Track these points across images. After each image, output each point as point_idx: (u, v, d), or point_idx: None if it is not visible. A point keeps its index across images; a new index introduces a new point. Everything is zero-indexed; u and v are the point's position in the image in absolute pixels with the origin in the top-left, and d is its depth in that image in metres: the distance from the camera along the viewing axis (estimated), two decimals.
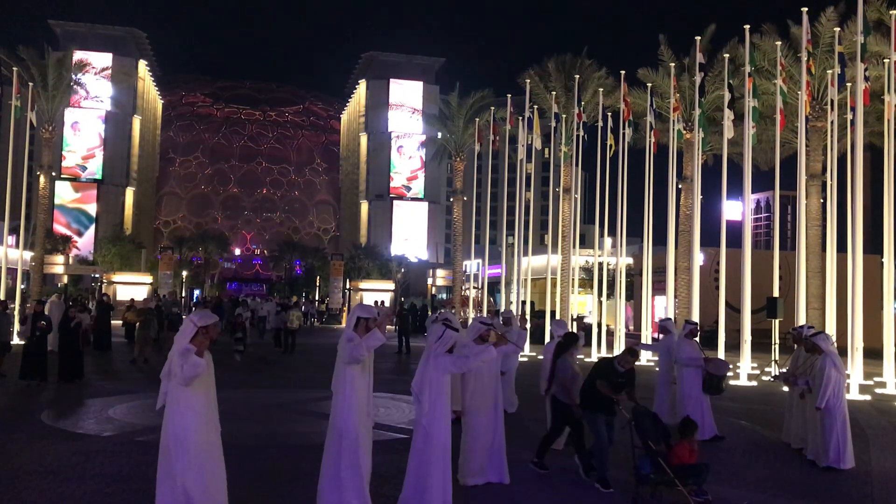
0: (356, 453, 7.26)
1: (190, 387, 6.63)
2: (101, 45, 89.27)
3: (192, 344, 6.64)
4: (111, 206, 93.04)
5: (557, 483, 9.40)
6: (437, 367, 7.73)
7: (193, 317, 6.98)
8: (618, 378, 9.10)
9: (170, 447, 6.73)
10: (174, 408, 6.73)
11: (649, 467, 8.19)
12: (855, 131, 21.36)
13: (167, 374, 6.77)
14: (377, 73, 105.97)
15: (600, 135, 30.24)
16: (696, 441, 8.63)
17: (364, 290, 54.41)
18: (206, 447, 6.76)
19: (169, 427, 6.77)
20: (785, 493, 9.37)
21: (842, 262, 22.50)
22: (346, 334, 7.38)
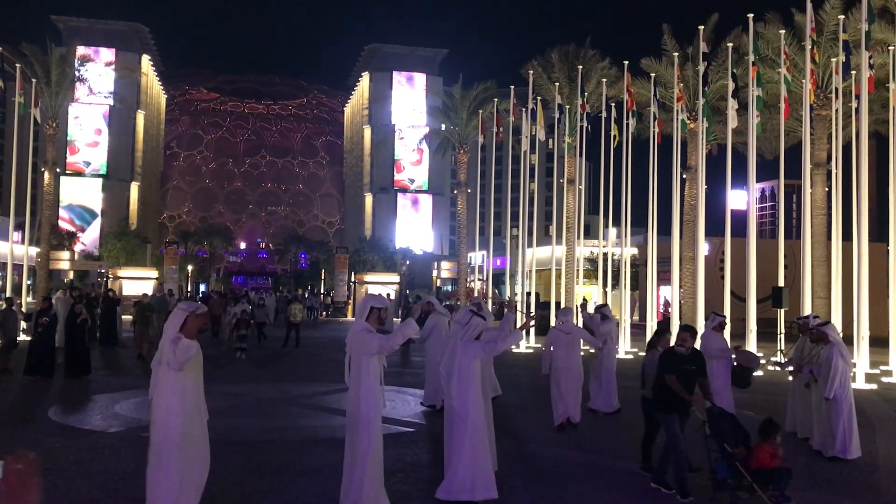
0: (380, 445, 7.35)
1: (178, 373, 6.72)
2: (104, 41, 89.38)
3: (181, 332, 6.76)
4: (116, 201, 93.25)
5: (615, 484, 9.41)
6: (466, 352, 7.85)
7: (182, 305, 7.10)
8: (684, 364, 8.46)
9: (157, 433, 6.80)
10: (161, 394, 6.81)
11: (727, 472, 7.70)
12: (860, 119, 21.26)
13: (157, 362, 6.87)
14: (380, 66, 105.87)
15: (604, 125, 30.17)
16: (778, 443, 8.02)
17: (369, 282, 54.40)
18: (189, 434, 6.83)
19: (154, 413, 6.85)
20: (793, 484, 9.36)
21: (847, 251, 22.43)
22: (360, 325, 7.36)
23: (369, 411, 7.23)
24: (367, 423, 7.23)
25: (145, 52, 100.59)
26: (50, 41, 42.43)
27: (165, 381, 6.78)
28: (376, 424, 7.28)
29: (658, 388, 8.71)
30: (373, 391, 7.28)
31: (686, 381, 8.37)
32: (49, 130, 39.49)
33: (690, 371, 8.45)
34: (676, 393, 8.30)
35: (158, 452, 6.78)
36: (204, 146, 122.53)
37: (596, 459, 10.39)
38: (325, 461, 9.80)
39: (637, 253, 40.27)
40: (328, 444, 10.85)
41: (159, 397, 6.81)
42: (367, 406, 7.24)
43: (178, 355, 6.63)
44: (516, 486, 8.73)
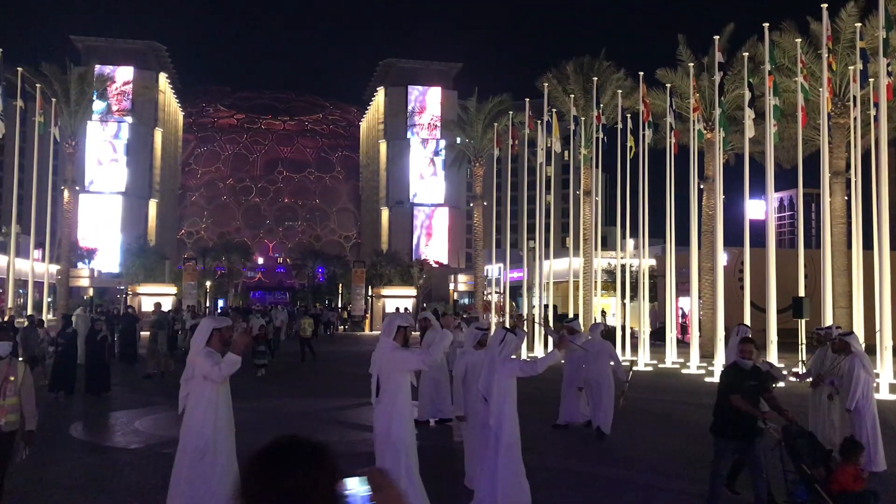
0: (415, 463, 7.28)
1: (214, 385, 6.84)
2: (122, 59, 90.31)
3: (209, 346, 6.91)
4: (134, 218, 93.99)
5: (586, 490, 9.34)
6: (503, 370, 7.91)
7: (208, 320, 7.33)
8: (750, 381, 7.84)
9: (189, 444, 6.85)
10: (196, 406, 6.88)
11: (806, 495, 7.20)
12: (878, 127, 21.10)
13: (188, 378, 6.94)
14: (395, 80, 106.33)
15: (620, 136, 30.12)
16: (861, 464, 7.55)
17: (386, 296, 54.49)
18: (221, 446, 6.91)
19: (186, 425, 6.92)
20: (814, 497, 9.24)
21: (868, 260, 22.23)
22: (388, 343, 7.29)
23: (402, 431, 7.17)
24: (402, 442, 7.15)
25: (163, 71, 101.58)
26: (69, 61, 42.99)
27: (201, 394, 6.86)
28: (410, 443, 7.25)
29: (720, 411, 7.96)
30: (406, 410, 7.27)
31: (751, 399, 7.76)
32: (68, 149, 39.94)
33: (754, 387, 7.86)
34: (747, 412, 7.60)
35: (188, 463, 6.82)
36: (221, 162, 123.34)
37: (625, 473, 10.30)
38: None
39: (655, 264, 40.08)
40: (345, 458, 10.84)
41: (194, 410, 6.88)
42: (399, 426, 7.19)
43: (225, 369, 6.78)
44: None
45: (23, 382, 7.16)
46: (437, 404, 13.75)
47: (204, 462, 6.77)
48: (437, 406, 13.75)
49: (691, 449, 12.07)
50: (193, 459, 6.79)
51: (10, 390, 7.03)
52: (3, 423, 6.99)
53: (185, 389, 6.97)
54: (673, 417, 15.47)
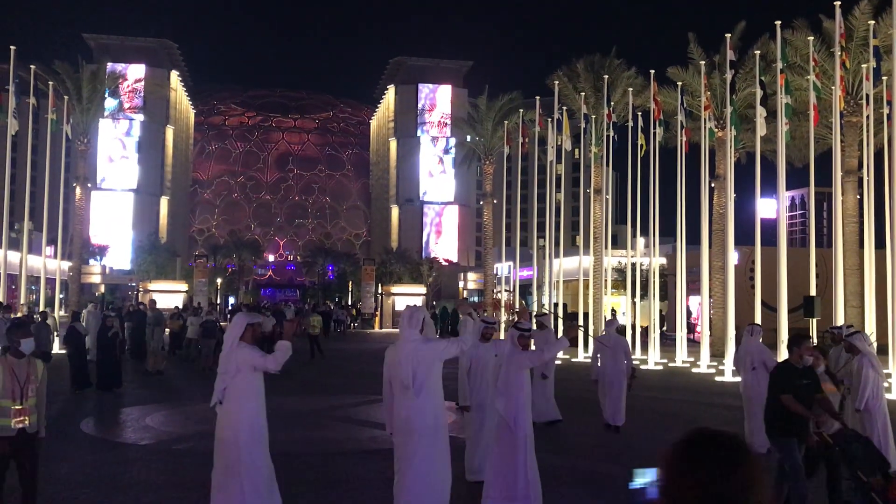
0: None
1: (258, 375, 7.13)
2: (133, 57, 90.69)
3: (242, 340, 7.13)
4: (146, 215, 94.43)
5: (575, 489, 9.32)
6: (513, 363, 8.02)
7: (242, 315, 7.53)
8: (803, 380, 7.58)
9: (240, 436, 7.03)
10: (240, 399, 7.10)
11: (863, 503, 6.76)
12: (891, 126, 21.00)
13: (225, 373, 7.13)
14: (405, 78, 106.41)
15: (630, 135, 30.03)
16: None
17: (396, 294, 54.53)
18: (263, 439, 7.21)
19: (231, 418, 7.10)
20: (823, 497, 9.21)
21: (880, 259, 22.11)
22: (415, 334, 7.24)
23: (444, 421, 7.34)
24: (444, 431, 7.29)
25: (174, 68, 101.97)
26: (81, 59, 43.15)
27: (249, 386, 7.08)
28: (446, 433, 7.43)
29: (771, 410, 7.72)
30: (442, 401, 7.39)
31: (803, 399, 7.46)
32: (80, 146, 40.11)
33: (806, 386, 7.55)
34: (799, 413, 7.34)
35: (241, 457, 6.99)
36: (232, 160, 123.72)
37: None
38: (351, 473, 9.81)
39: (666, 263, 39.97)
40: (356, 456, 10.87)
41: (244, 402, 7.08)
42: (443, 417, 7.34)
43: (280, 357, 7.05)
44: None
45: (41, 382, 7.02)
46: None
47: (255, 454, 7.03)
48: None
49: None
50: (247, 449, 6.99)
51: (31, 390, 6.86)
52: (27, 424, 6.80)
53: (224, 383, 7.12)
54: (683, 417, 15.44)
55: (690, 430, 2.05)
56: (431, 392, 7.16)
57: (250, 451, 7.04)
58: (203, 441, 12.08)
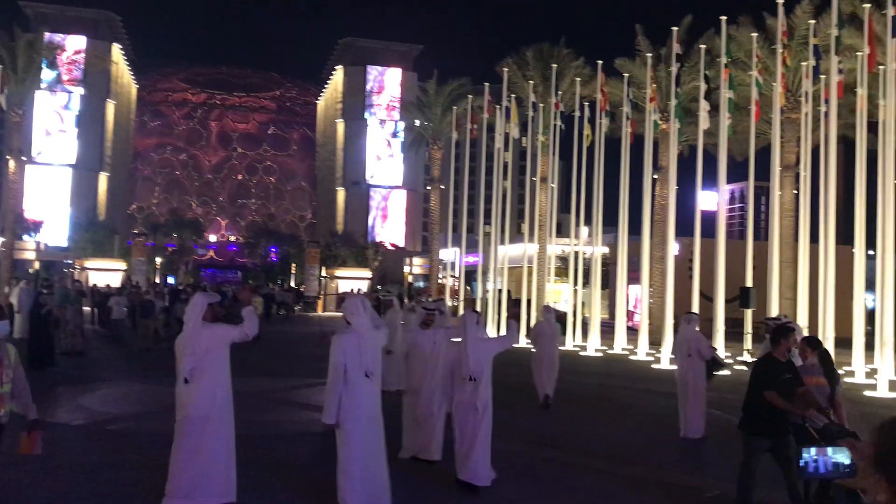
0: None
1: (226, 350, 7.36)
2: (73, 28, 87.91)
3: (204, 319, 7.32)
4: (84, 191, 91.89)
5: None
6: (488, 349, 8.66)
7: (202, 296, 7.75)
8: (786, 374, 7.36)
9: (211, 416, 7.18)
10: (210, 373, 7.22)
11: (846, 502, 6.57)
12: (829, 123, 21.56)
13: (192, 353, 7.20)
14: (354, 60, 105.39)
15: (577, 124, 30.29)
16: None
17: (340, 277, 54.26)
18: (232, 416, 7.41)
19: (200, 393, 7.18)
20: (758, 483, 9.47)
21: (814, 253, 22.75)
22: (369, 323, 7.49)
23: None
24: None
25: (116, 41, 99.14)
26: (17, 27, 41.70)
27: (221, 363, 7.30)
28: None
29: (754, 406, 7.49)
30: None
31: (786, 394, 7.26)
32: (15, 118, 38.84)
33: (789, 381, 7.34)
34: (783, 409, 7.16)
35: (212, 434, 7.14)
36: (175, 137, 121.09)
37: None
38: (292, 455, 9.76)
39: (608, 252, 40.52)
40: (296, 438, 10.81)
41: (212, 380, 7.21)
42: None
43: (251, 324, 7.37)
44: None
45: (15, 366, 6.36)
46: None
47: (223, 430, 7.21)
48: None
49: (639, 434, 12.29)
50: (217, 427, 7.16)
51: (6, 376, 6.15)
52: (3, 413, 6.11)
53: (192, 363, 7.17)
54: (620, 402, 15.71)
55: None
56: (378, 379, 7.39)
57: (220, 427, 7.21)
58: (139, 422, 11.89)
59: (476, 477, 8.33)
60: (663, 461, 10.45)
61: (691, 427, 11.84)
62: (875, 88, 21.68)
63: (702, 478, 9.60)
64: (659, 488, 8.95)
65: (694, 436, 11.78)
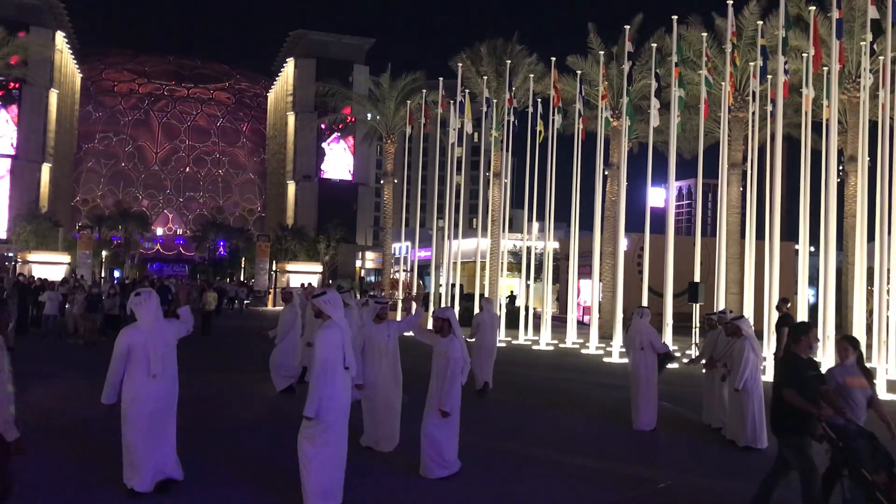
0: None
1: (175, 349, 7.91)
2: (14, 14, 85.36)
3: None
4: (26, 182, 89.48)
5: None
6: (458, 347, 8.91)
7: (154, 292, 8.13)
8: (810, 370, 7.13)
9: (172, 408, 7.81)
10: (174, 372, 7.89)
11: (864, 502, 6.36)
12: (775, 122, 22.05)
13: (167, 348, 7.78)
14: (306, 52, 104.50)
15: (530, 120, 30.47)
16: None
17: (291, 271, 53.80)
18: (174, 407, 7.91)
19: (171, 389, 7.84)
20: (706, 473, 9.70)
21: (760, 249, 23.27)
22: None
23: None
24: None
25: (60, 29, 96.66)
26: None
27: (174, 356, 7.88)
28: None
29: (779, 406, 7.13)
30: None
31: (811, 392, 6.96)
32: None
33: (813, 378, 7.10)
34: (801, 408, 6.83)
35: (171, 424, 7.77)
36: (121, 127, 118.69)
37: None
38: (253, 448, 9.69)
39: (559, 247, 40.91)
40: (256, 431, 10.73)
41: (174, 373, 7.80)
42: None
43: (189, 319, 8.10)
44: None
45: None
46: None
47: (165, 422, 7.66)
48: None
49: (591, 426, 12.47)
50: (173, 417, 7.76)
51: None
52: None
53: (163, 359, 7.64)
54: (573, 394, 15.91)
55: None
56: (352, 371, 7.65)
57: (173, 417, 7.81)
58: (76, 417, 11.66)
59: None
60: (616, 453, 10.62)
61: (643, 419, 12.06)
62: (819, 89, 22.28)
63: (654, 469, 9.79)
64: (612, 479, 9.10)
65: (646, 428, 12.00)
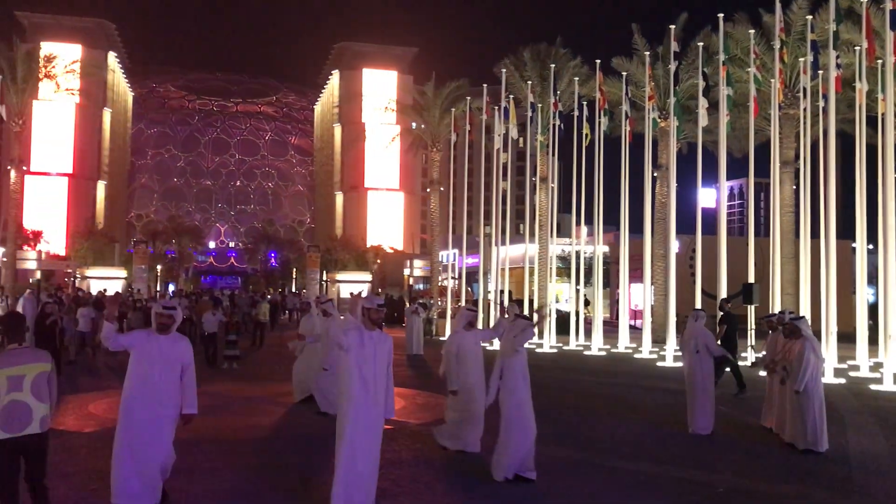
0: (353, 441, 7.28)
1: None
2: (69, 37, 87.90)
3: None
4: (82, 200, 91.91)
5: None
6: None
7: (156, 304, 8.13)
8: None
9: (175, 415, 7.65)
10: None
11: None
12: (827, 118, 21.62)
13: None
14: (350, 64, 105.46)
15: (576, 124, 30.36)
16: None
17: (341, 281, 54.29)
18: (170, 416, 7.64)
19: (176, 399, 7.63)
20: (764, 477, 9.53)
21: (815, 248, 22.83)
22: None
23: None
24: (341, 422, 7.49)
25: (112, 49, 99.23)
26: (15, 38, 41.74)
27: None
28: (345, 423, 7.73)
29: None
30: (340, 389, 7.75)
31: None
32: (14, 128, 38.88)
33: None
34: None
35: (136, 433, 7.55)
36: (172, 144, 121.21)
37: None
38: (292, 459, 9.81)
39: (609, 251, 40.59)
40: (296, 441, 10.85)
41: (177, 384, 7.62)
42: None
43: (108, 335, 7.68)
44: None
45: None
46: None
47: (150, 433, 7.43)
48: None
49: (645, 431, 12.33)
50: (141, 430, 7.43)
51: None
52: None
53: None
54: (627, 401, 15.76)
55: None
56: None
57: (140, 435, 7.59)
58: None
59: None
60: (671, 457, 10.49)
61: (699, 423, 11.90)
62: (874, 82, 21.78)
63: (710, 473, 9.64)
64: (667, 484, 8.99)
65: (702, 432, 11.84)
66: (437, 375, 11.19)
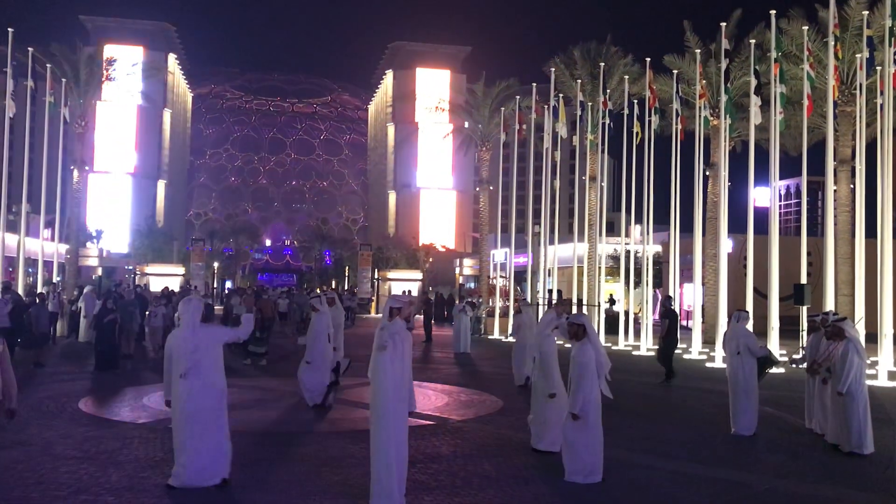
0: (390, 438, 7.55)
1: (220, 352, 8.37)
2: (131, 40, 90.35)
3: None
4: (143, 198, 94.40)
5: None
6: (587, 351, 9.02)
7: (198, 300, 8.68)
8: None
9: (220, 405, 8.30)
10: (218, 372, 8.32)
11: None
12: (884, 116, 21.14)
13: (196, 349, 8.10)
14: (404, 63, 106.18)
15: (626, 122, 30.15)
16: None
17: (392, 279, 54.78)
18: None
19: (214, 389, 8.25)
20: (806, 478, 9.46)
21: (871, 248, 22.31)
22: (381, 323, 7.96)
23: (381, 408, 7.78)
24: (377, 418, 7.72)
25: (171, 51, 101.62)
26: (79, 41, 43.08)
27: (219, 358, 8.25)
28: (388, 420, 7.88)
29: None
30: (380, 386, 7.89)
31: None
32: (78, 129, 40.13)
33: None
34: None
35: (219, 420, 8.24)
36: (230, 144, 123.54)
37: None
38: (346, 452, 10.05)
39: (660, 250, 40.17)
40: (349, 435, 11.11)
41: (217, 374, 8.22)
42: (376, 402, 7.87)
43: (247, 328, 8.65)
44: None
45: (1, 357, 6.84)
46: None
47: (225, 416, 8.21)
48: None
49: (688, 431, 12.30)
50: (223, 414, 8.21)
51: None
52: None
53: (193, 360, 7.99)
54: (672, 402, 15.69)
55: None
56: (371, 374, 7.85)
57: (224, 413, 8.23)
58: None
59: None
60: (713, 457, 10.47)
61: (742, 424, 11.83)
62: None
63: (752, 474, 9.60)
64: (708, 484, 9.00)
65: (745, 433, 11.77)
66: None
